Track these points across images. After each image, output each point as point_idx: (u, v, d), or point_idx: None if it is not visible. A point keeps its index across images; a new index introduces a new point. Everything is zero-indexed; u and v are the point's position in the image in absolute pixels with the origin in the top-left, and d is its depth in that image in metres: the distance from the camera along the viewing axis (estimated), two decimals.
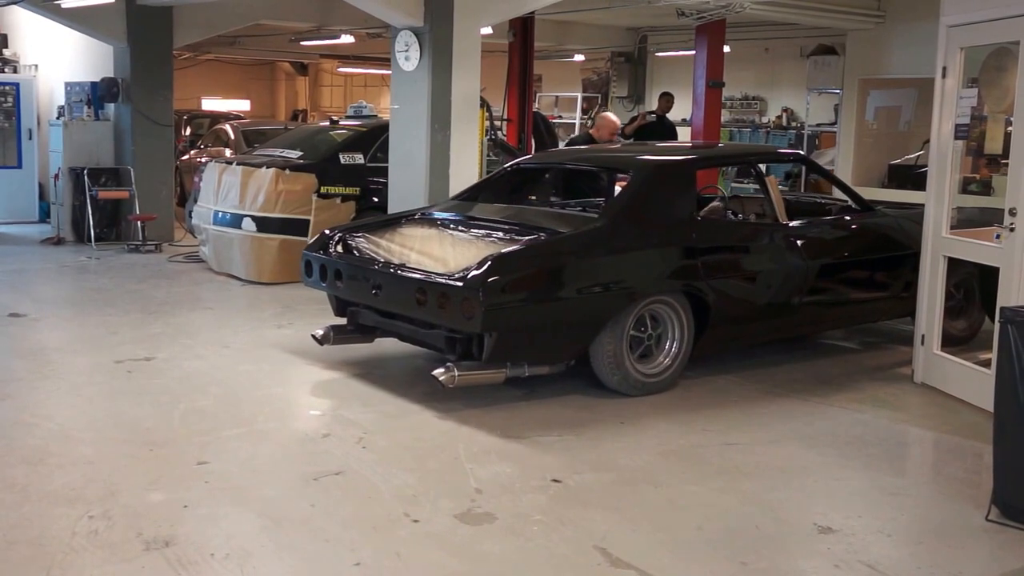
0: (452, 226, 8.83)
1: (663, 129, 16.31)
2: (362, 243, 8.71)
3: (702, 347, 8.42)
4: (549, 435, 7.10)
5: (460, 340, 7.76)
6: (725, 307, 8.42)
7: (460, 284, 7.38)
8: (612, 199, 9.12)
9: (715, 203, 9.83)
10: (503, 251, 7.69)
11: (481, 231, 8.52)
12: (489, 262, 7.42)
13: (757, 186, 10.84)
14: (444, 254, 8.21)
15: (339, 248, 8.74)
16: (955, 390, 8.10)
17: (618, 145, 12.22)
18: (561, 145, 17.54)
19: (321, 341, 8.82)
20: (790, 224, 9.01)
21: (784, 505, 6.09)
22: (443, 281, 7.55)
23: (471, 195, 9.75)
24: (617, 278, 7.99)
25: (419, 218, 9.26)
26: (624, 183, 10.15)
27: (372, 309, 8.49)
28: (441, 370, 7.52)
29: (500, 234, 8.31)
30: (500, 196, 9.66)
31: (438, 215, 9.22)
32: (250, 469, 6.33)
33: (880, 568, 5.17)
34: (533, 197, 10.32)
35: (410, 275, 7.91)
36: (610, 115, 12.91)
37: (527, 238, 8.04)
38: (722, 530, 5.66)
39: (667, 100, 17.56)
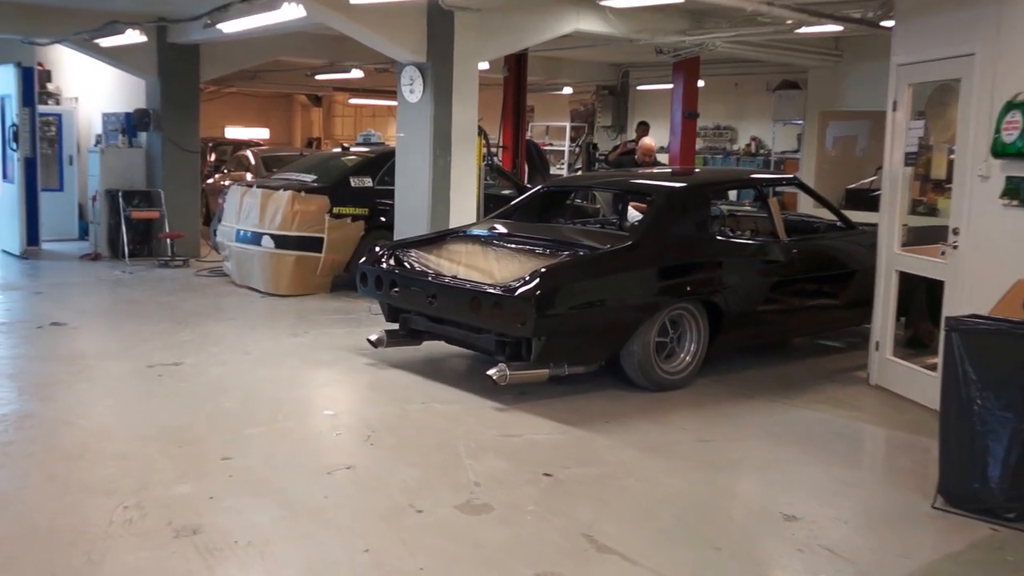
0: (493, 242, 8.93)
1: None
2: (413, 257, 8.84)
3: (716, 348, 8.62)
4: (540, 433, 7.11)
5: (509, 343, 7.90)
6: (736, 313, 8.64)
7: (514, 294, 7.53)
8: (641, 219, 9.30)
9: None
10: (551, 265, 7.86)
11: (520, 247, 8.66)
12: (540, 275, 7.59)
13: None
14: (489, 267, 8.34)
15: (391, 262, 8.86)
16: (905, 391, 8.13)
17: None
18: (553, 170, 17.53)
19: (376, 344, 8.96)
20: (790, 240, 9.28)
21: (753, 496, 6.12)
22: (498, 291, 7.69)
23: (506, 214, 9.98)
24: (647, 288, 8.19)
25: (462, 235, 9.34)
26: (634, 204, 10.53)
27: (423, 315, 8.60)
28: (494, 370, 7.67)
29: (539, 249, 8.47)
30: (532, 215, 9.93)
31: (479, 232, 9.31)
32: (270, 464, 6.33)
33: (839, 552, 5.19)
34: (560, 216, 10.59)
35: (465, 286, 8.04)
36: (648, 140, 13.43)
37: (567, 253, 8.19)
38: (698, 519, 5.68)
39: (644, 128, 17.56)
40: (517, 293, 7.52)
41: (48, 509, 5.51)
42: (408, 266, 8.75)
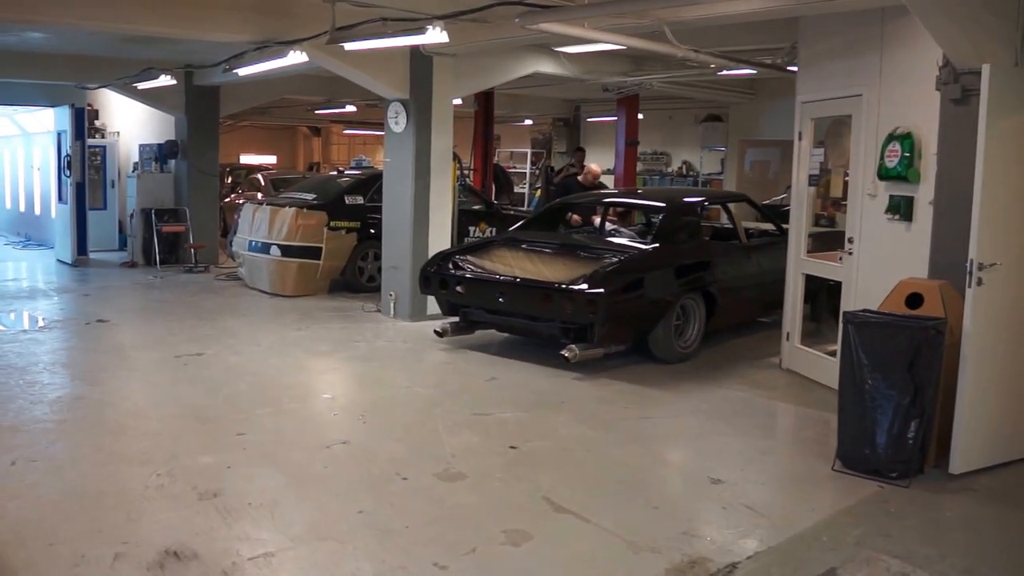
0: (532, 247, 9.10)
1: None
2: (470, 262, 8.98)
3: (710, 327, 9.03)
4: (506, 412, 7.11)
5: (573, 329, 8.14)
6: (724, 300, 9.06)
7: (586, 289, 7.82)
8: (657, 228, 9.55)
9: None
10: (612, 265, 8.21)
11: (554, 251, 8.92)
12: (605, 273, 7.99)
13: None
14: (537, 268, 8.57)
15: (448, 267, 9.00)
16: (810, 374, 8.18)
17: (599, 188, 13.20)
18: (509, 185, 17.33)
19: (441, 334, 9.16)
20: (750, 243, 9.86)
21: (685, 463, 6.15)
22: (569, 287, 7.95)
23: (527, 224, 10.29)
24: (672, 281, 8.59)
25: (501, 242, 9.48)
26: (609, 217, 11.04)
27: (483, 309, 8.80)
28: (566, 351, 8.02)
29: (582, 253, 8.77)
30: (546, 225, 10.28)
31: (515, 240, 9.43)
32: (277, 439, 6.31)
33: (756, 508, 5.23)
34: (561, 226, 10.99)
35: (538, 284, 8.26)
36: (594, 165, 13.52)
37: (608, 256, 8.50)
38: (638, 483, 5.70)
39: (581, 153, 17.32)
40: (590, 288, 7.81)
41: (95, 476, 5.51)
42: (467, 269, 8.89)
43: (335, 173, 15.75)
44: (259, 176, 19.83)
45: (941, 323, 5.61)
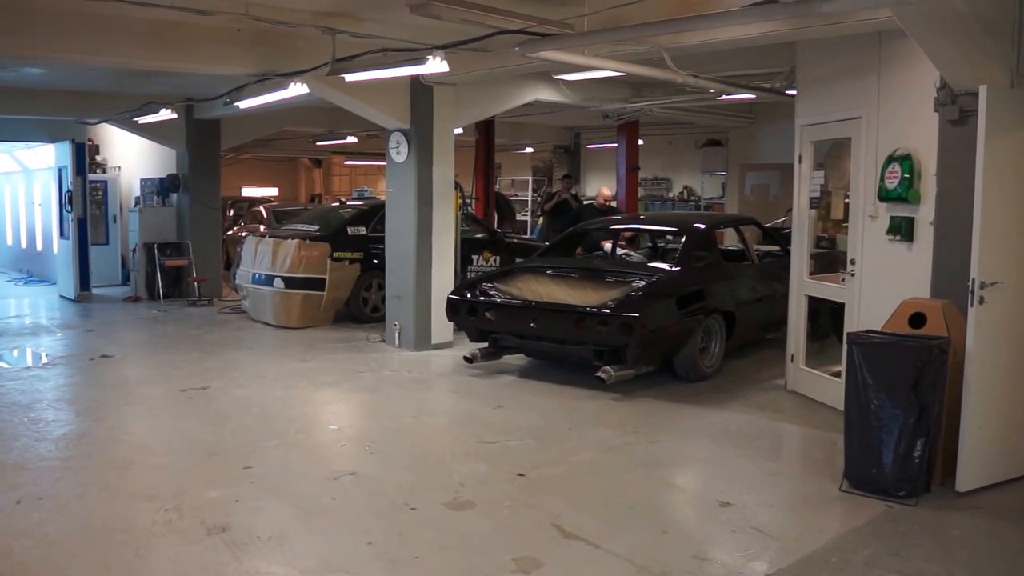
0: (556, 273, 9.20)
1: (578, 204, 15.74)
2: (497, 289, 9.07)
3: (729, 346, 9.23)
4: (514, 440, 7.12)
5: (606, 351, 8.29)
6: (742, 318, 9.26)
7: (621, 312, 7.99)
8: (680, 251, 9.72)
9: None
10: (645, 288, 8.37)
11: (578, 276, 9.04)
12: (639, 296, 8.17)
13: None
14: (565, 294, 8.67)
15: (477, 294, 9.13)
16: (816, 395, 8.21)
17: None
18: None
19: (471, 360, 9.24)
20: (761, 264, 10.11)
21: (694, 487, 6.17)
22: (605, 311, 8.11)
23: (547, 252, 10.42)
24: (698, 302, 8.72)
25: (524, 269, 9.56)
26: (621, 242, 11.24)
27: (513, 334, 8.91)
28: (601, 373, 8.19)
29: (608, 277, 8.91)
30: (564, 251, 10.44)
31: (537, 266, 9.53)
32: (285, 471, 6.31)
33: (765, 530, 5.24)
34: (579, 251, 11.24)
35: (569, 309, 8.37)
36: (605, 189, 14.34)
37: (635, 279, 8.65)
38: (648, 507, 5.71)
39: (569, 181, 17.24)
40: (625, 311, 7.98)
41: (102, 512, 5.51)
42: (493, 296, 8.99)
43: (337, 204, 15.82)
44: (261, 208, 19.91)
45: (944, 342, 5.66)
